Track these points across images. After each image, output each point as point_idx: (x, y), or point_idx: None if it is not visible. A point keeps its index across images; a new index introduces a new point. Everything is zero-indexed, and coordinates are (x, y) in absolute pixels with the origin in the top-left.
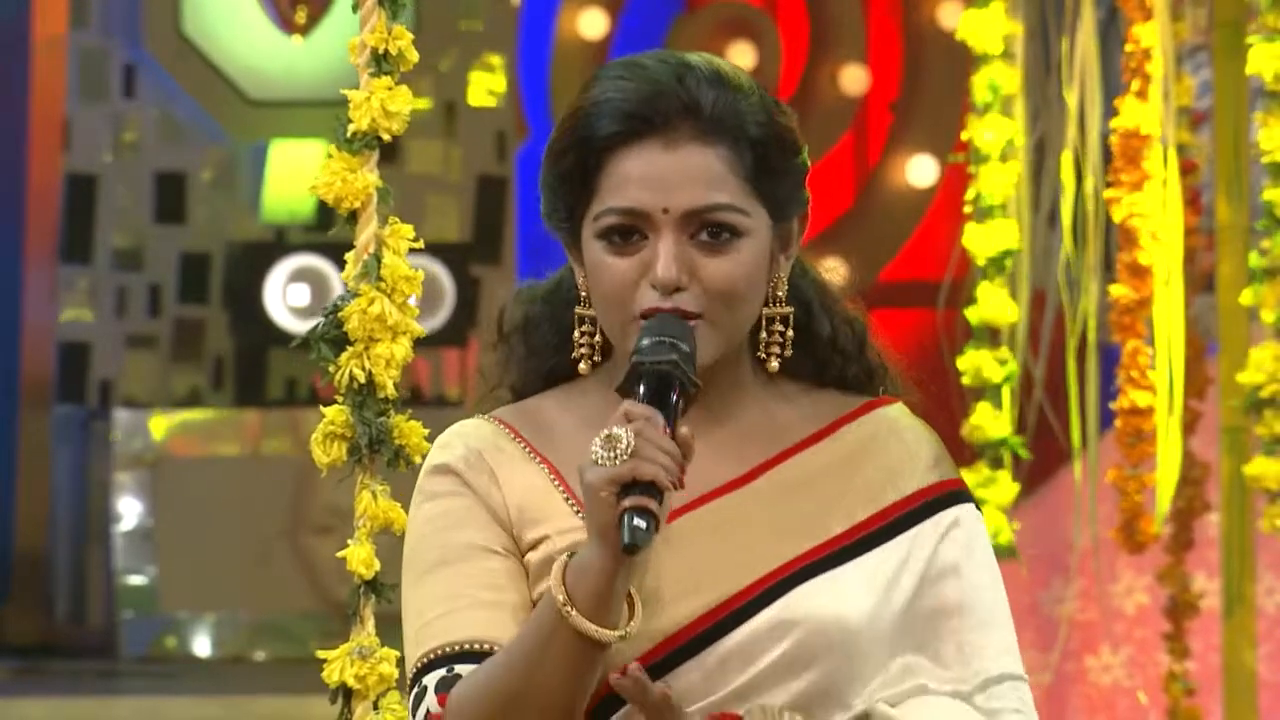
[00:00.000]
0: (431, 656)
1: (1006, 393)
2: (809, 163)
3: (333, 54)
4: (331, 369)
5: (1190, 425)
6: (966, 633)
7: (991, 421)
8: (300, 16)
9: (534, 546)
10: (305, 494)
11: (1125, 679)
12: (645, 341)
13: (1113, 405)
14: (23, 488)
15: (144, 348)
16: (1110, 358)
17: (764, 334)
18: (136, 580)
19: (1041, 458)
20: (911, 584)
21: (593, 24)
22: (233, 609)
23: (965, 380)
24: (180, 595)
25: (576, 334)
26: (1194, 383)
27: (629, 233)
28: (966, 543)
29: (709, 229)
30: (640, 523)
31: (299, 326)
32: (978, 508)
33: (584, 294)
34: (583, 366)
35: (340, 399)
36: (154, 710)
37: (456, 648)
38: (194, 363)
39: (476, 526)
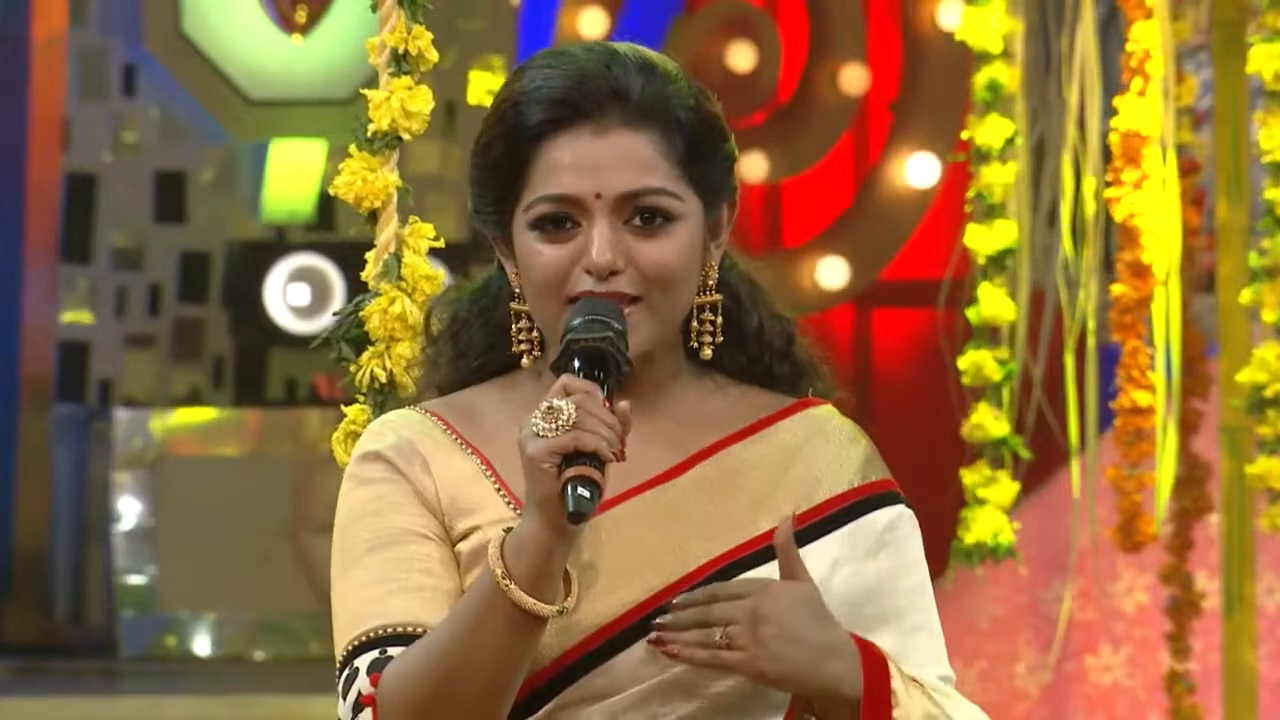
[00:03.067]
0: (363, 639)
1: (1007, 392)
2: (736, 151)
3: (333, 53)
4: (353, 369)
5: (1192, 425)
6: (903, 636)
7: (991, 421)
8: (300, 16)
9: (465, 536)
10: (305, 494)
11: (1125, 679)
12: (576, 320)
13: (1112, 405)
14: (23, 488)
15: (144, 347)
16: (1110, 357)
17: (695, 323)
18: (136, 580)
19: (1041, 457)
20: (843, 586)
21: (593, 24)
22: (233, 608)
23: (965, 380)
24: (180, 595)
25: (514, 329)
26: (1195, 383)
27: (562, 220)
28: (899, 546)
29: (642, 213)
30: (584, 491)
31: (299, 326)
32: (910, 508)
33: (518, 289)
34: (525, 361)
35: (361, 398)
36: (154, 710)
37: (389, 630)
38: (194, 362)
39: (408, 512)
